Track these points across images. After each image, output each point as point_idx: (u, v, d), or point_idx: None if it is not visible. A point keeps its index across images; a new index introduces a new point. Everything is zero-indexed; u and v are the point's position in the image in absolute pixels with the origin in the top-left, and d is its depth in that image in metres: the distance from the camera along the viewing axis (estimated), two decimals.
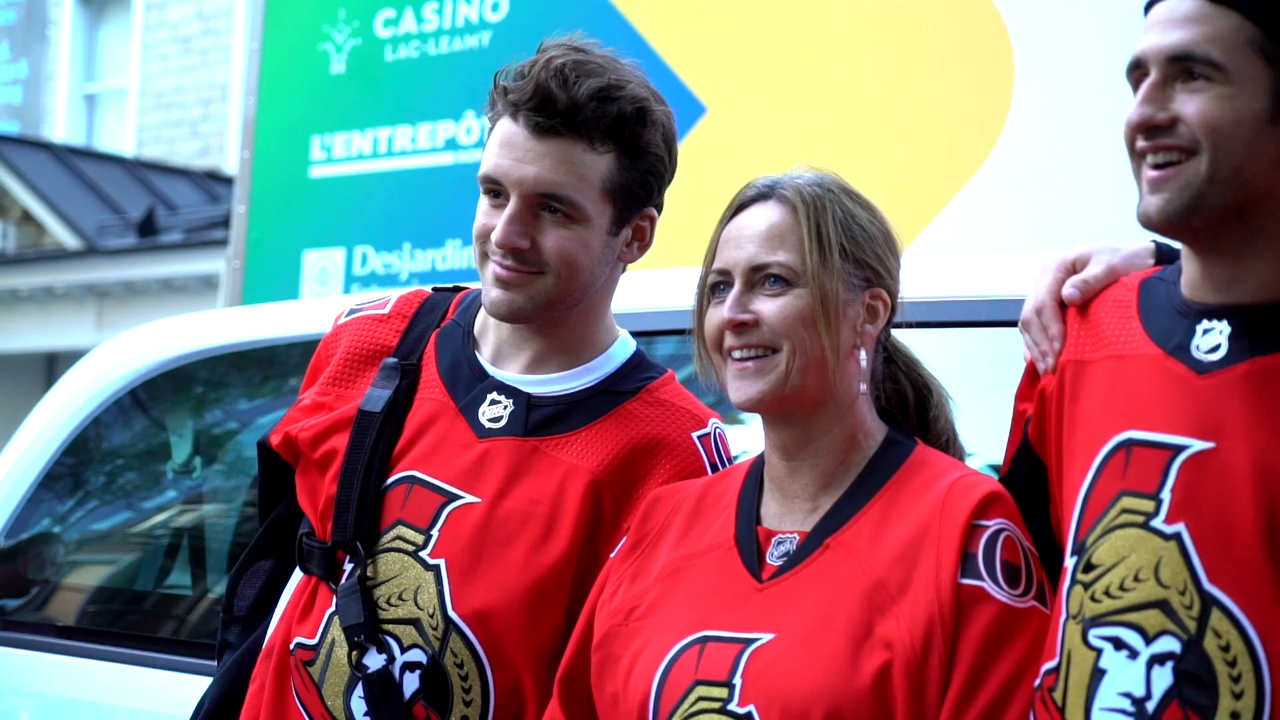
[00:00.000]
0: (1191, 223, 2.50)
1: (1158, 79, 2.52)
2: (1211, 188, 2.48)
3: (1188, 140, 2.49)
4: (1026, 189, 5.12)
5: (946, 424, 3.00)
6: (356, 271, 6.87)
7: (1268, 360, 2.48)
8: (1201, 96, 2.48)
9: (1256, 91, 2.48)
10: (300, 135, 7.14)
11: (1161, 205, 2.51)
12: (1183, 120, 2.49)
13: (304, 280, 7.00)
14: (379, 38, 6.94)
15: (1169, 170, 2.50)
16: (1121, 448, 2.56)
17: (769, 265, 2.79)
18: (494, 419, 3.09)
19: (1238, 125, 2.47)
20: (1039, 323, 2.78)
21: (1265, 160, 2.48)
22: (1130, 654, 2.46)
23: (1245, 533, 2.41)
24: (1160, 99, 2.51)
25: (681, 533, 2.89)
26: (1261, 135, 2.48)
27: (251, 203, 7.21)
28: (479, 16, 6.62)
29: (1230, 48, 2.48)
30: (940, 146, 5.34)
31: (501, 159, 3.01)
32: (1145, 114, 2.51)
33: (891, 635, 2.62)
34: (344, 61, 7.03)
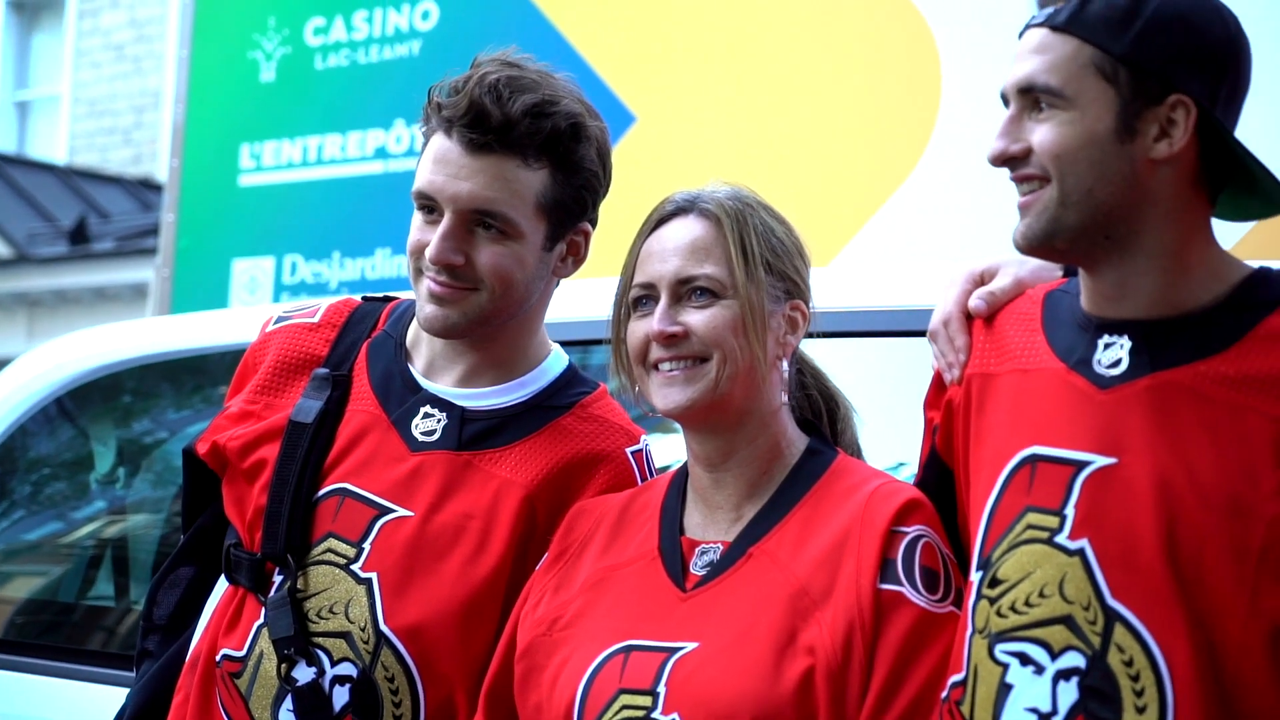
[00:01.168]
0: (1054, 245, 2.56)
1: (1015, 111, 2.58)
2: (1065, 211, 2.53)
3: (1039, 169, 2.54)
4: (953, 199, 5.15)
5: (852, 437, 3.04)
6: (286, 280, 6.85)
7: (1168, 375, 2.52)
8: (1047, 125, 2.54)
9: (1100, 113, 2.52)
10: (230, 143, 7.11)
11: (1024, 231, 2.57)
12: (1034, 150, 2.55)
13: (233, 289, 6.97)
14: (309, 46, 6.93)
15: (1030, 197, 2.56)
16: (1026, 463, 2.59)
17: (696, 278, 2.80)
18: (427, 432, 3.09)
19: (1083, 148, 2.52)
20: (946, 334, 2.81)
21: (1119, 178, 2.52)
22: (1036, 669, 2.48)
23: (1147, 548, 2.45)
24: (1014, 131, 2.57)
25: (605, 544, 2.90)
26: (1110, 154, 2.52)
27: (180, 211, 7.18)
28: (409, 25, 6.62)
29: (1069, 73, 2.53)
30: (868, 157, 5.37)
31: (435, 175, 3.00)
32: (999, 148, 2.58)
33: (814, 641, 2.64)
34: (274, 70, 7.01)
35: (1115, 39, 2.52)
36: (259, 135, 7.02)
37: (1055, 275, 2.79)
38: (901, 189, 5.26)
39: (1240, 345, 2.50)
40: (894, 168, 5.30)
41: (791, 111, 5.56)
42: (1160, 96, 2.52)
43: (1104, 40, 2.52)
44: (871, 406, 3.37)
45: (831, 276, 4.48)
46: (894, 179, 5.28)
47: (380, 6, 6.70)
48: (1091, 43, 2.53)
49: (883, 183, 5.30)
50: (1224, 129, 2.56)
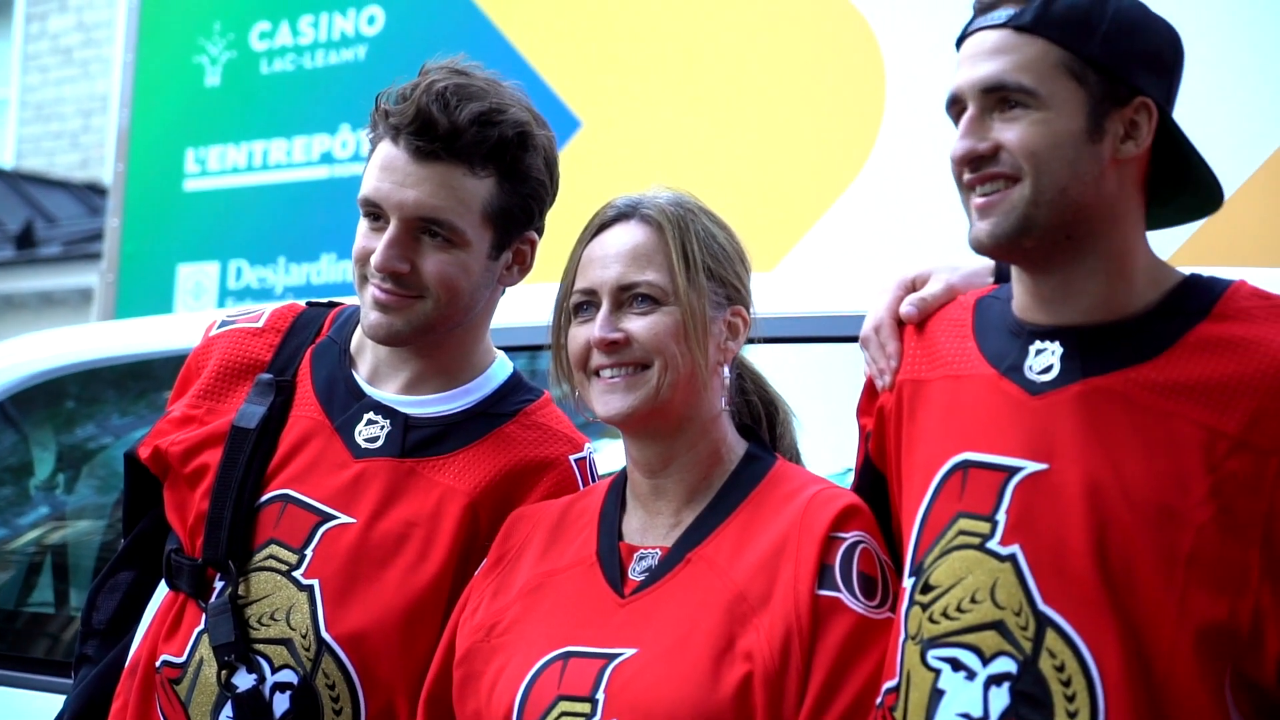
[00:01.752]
0: (1022, 244, 2.56)
1: (976, 111, 2.58)
2: (1038, 210, 2.54)
3: (1011, 167, 2.55)
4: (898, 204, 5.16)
5: (791, 442, 3.05)
6: (231, 285, 6.83)
7: (1099, 381, 2.54)
8: (1019, 123, 2.55)
9: (1072, 112, 2.55)
10: (175, 148, 7.09)
11: (991, 229, 2.57)
12: (1004, 148, 2.55)
13: (178, 294, 6.95)
14: (254, 50, 6.91)
15: (995, 196, 2.57)
16: (958, 469, 2.60)
17: (638, 284, 2.81)
18: (371, 439, 3.08)
19: (1057, 147, 2.54)
20: (877, 340, 2.82)
21: (1088, 178, 2.55)
22: (968, 675, 2.50)
23: (1077, 553, 2.47)
24: (980, 130, 2.58)
25: (543, 549, 2.90)
26: (1082, 154, 2.55)
27: (125, 216, 7.15)
28: (355, 30, 6.60)
29: (1040, 73, 2.55)
30: (812, 162, 5.38)
31: (382, 182, 3.00)
32: (967, 146, 2.58)
33: (752, 647, 2.65)
34: (219, 74, 6.99)
35: (1083, 41, 2.55)
36: (204, 140, 7.00)
37: (987, 281, 2.81)
38: (846, 194, 5.27)
39: (1170, 352, 2.53)
40: (839, 173, 5.31)
41: (737, 117, 5.56)
42: (1126, 98, 2.56)
43: (1072, 42, 2.55)
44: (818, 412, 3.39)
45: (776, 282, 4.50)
46: (839, 184, 5.29)
47: (326, 11, 6.68)
48: (1060, 44, 2.55)
49: (827, 188, 5.31)
50: (1179, 131, 2.61)
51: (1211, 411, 2.48)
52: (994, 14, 2.60)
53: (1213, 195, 2.68)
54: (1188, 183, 2.66)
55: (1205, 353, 2.52)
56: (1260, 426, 2.46)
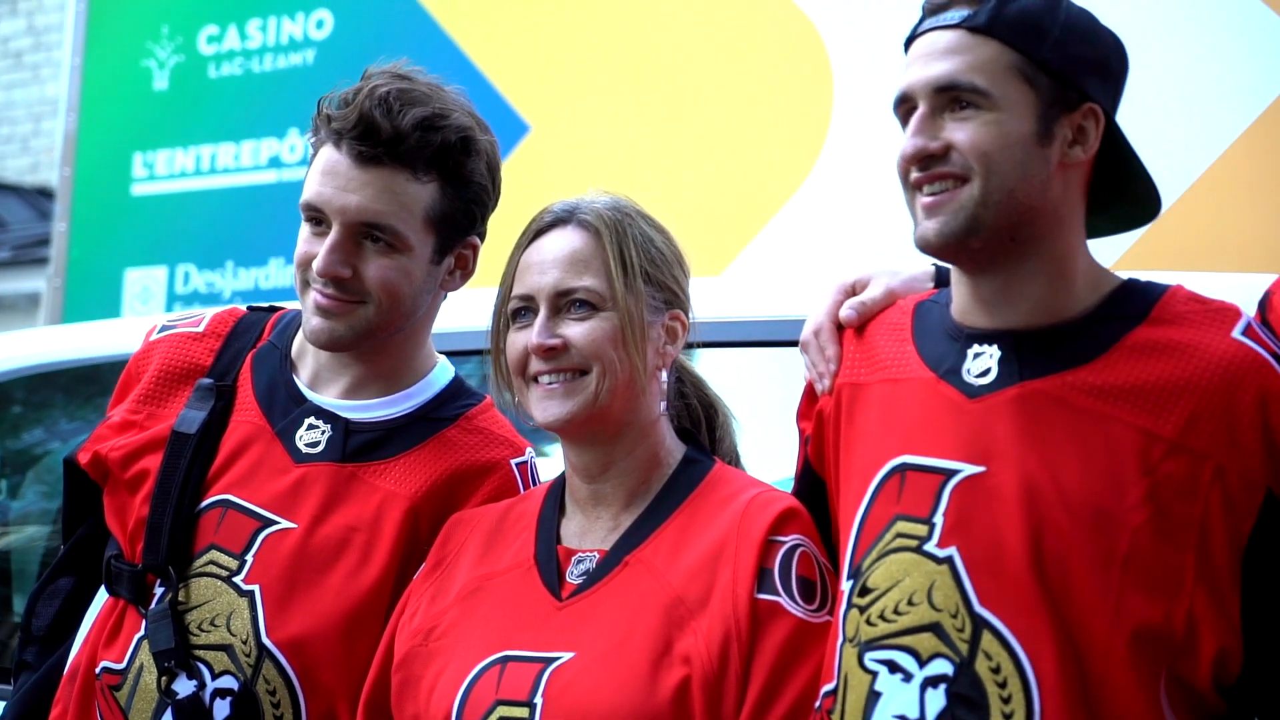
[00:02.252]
0: (969, 244, 2.57)
1: (927, 110, 2.59)
2: (986, 210, 2.55)
3: (960, 167, 2.56)
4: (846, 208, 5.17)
5: (730, 445, 3.06)
6: (179, 290, 6.80)
7: (1036, 384, 2.56)
8: (971, 124, 2.56)
9: (1023, 115, 2.56)
10: (122, 152, 7.05)
11: (939, 228, 2.57)
12: (955, 148, 2.56)
13: (126, 299, 6.91)
14: (202, 54, 6.87)
15: (943, 195, 2.57)
16: (896, 472, 2.61)
17: (575, 290, 2.81)
18: (312, 444, 3.07)
19: (1007, 149, 2.55)
20: (817, 344, 2.83)
21: (1037, 181, 2.56)
22: (905, 677, 2.51)
23: (1014, 555, 2.48)
24: (931, 129, 2.58)
25: (481, 553, 2.90)
26: (1031, 157, 2.56)
27: (72, 220, 7.11)
28: (303, 34, 6.58)
29: (993, 74, 2.56)
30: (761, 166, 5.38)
31: (324, 187, 2.99)
32: (919, 145, 2.58)
33: (690, 650, 2.65)
34: (167, 78, 6.95)
35: (1036, 45, 2.57)
36: (152, 144, 6.96)
37: (926, 286, 2.82)
38: (794, 198, 5.27)
39: (1108, 356, 2.54)
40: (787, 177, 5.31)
41: (685, 121, 5.56)
42: (1075, 104, 2.58)
43: (1025, 45, 2.56)
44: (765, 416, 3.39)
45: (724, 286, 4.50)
46: (787, 188, 5.29)
47: (274, 15, 6.66)
48: (1013, 47, 2.56)
49: (775, 191, 5.31)
50: (1124, 138, 2.63)
51: (1148, 415, 2.49)
52: (946, 15, 2.61)
53: (1150, 205, 2.70)
54: (1126, 191, 2.68)
55: (1142, 356, 2.53)
56: (1196, 430, 2.48)
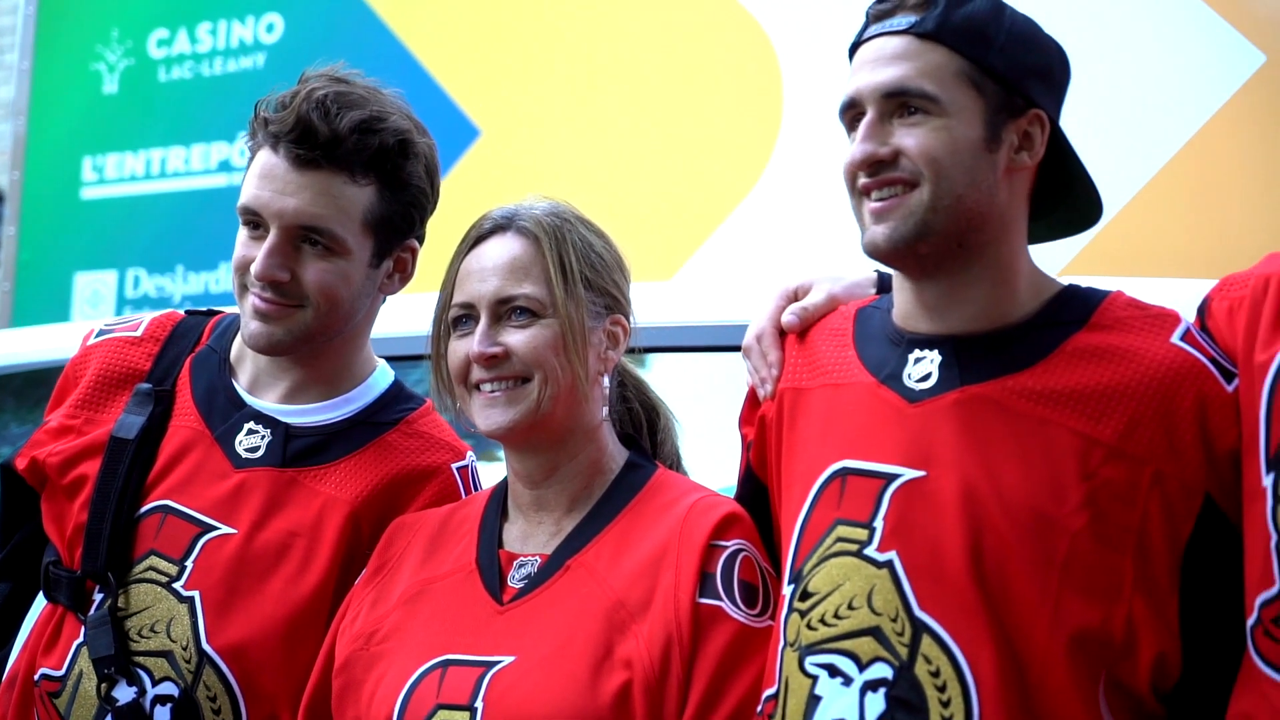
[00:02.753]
0: (917, 249, 2.57)
1: (875, 116, 2.59)
2: (935, 215, 2.55)
3: (909, 173, 2.56)
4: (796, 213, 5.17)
5: (672, 448, 3.06)
6: (129, 294, 6.76)
7: (976, 389, 2.56)
8: (920, 129, 2.56)
9: (971, 121, 2.57)
10: (72, 156, 7.01)
11: (888, 233, 2.57)
12: (904, 153, 2.56)
13: (75, 303, 6.87)
14: (152, 58, 6.84)
15: (891, 201, 2.57)
16: (837, 476, 2.61)
17: (515, 298, 2.80)
18: (251, 449, 3.06)
19: (956, 154, 2.55)
20: (759, 349, 2.83)
21: (985, 187, 2.57)
22: (845, 681, 2.51)
23: (953, 559, 2.48)
24: (880, 135, 2.58)
25: (423, 557, 2.89)
26: (979, 163, 2.57)
27: (21, 224, 7.06)
28: (254, 38, 6.56)
29: (942, 80, 2.56)
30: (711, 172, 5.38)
31: (261, 190, 2.98)
32: (868, 150, 2.58)
33: (631, 655, 2.65)
34: (116, 81, 6.92)
35: (983, 51, 2.58)
36: (102, 148, 6.92)
37: (869, 292, 2.82)
38: (745, 202, 5.27)
39: (1048, 361, 2.55)
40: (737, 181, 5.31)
41: (635, 126, 5.56)
42: (1022, 110, 2.59)
43: (973, 51, 2.57)
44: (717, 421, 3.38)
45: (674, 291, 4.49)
46: (737, 193, 5.30)
47: (225, 19, 6.63)
48: (961, 53, 2.57)
49: (726, 196, 5.31)
50: (1068, 145, 2.64)
51: (1087, 420, 2.50)
52: (892, 21, 2.61)
53: (1091, 211, 2.71)
54: (1068, 197, 2.69)
55: (1082, 362, 2.54)
56: (1135, 436, 2.48)
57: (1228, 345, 2.55)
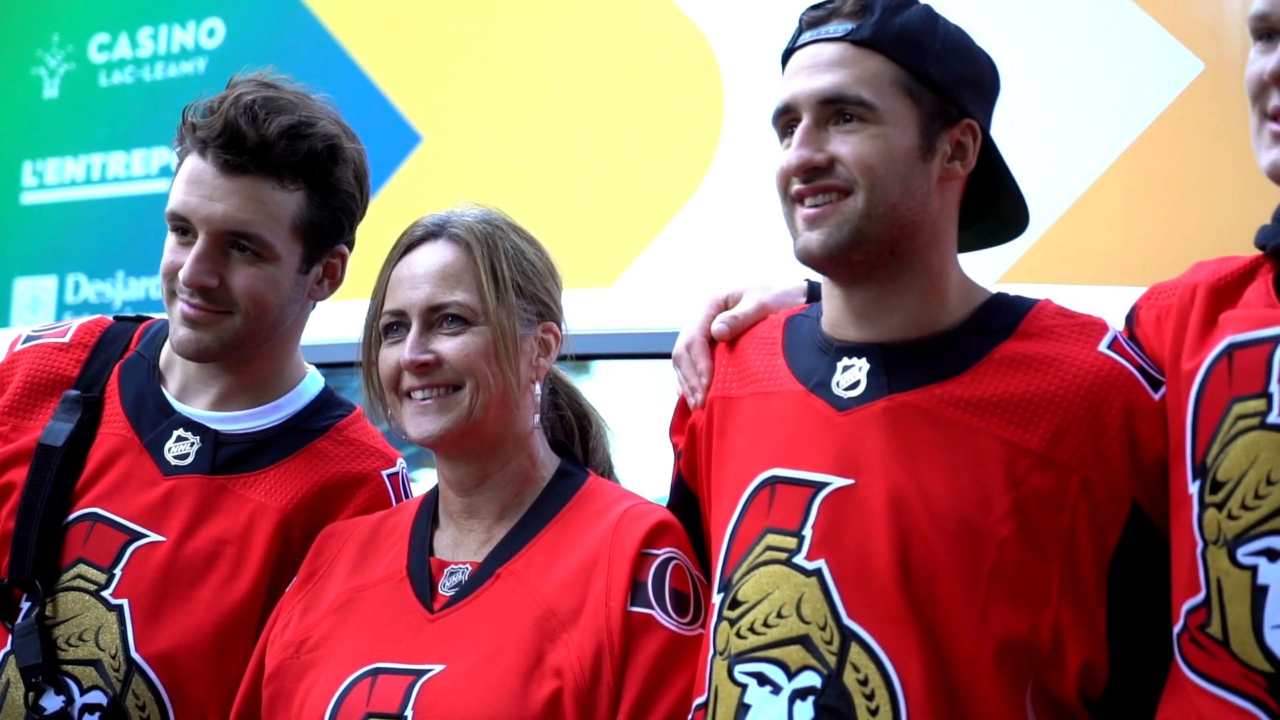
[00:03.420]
0: (851, 256, 2.57)
1: (811, 122, 2.58)
2: (870, 223, 2.55)
3: (845, 180, 2.56)
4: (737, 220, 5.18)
5: (604, 455, 3.05)
6: (69, 300, 6.74)
7: (904, 397, 2.56)
8: (856, 137, 2.56)
9: (906, 129, 2.57)
10: (11, 161, 6.98)
11: (823, 240, 2.57)
12: (840, 160, 2.56)
13: (15, 308, 6.85)
14: (93, 63, 6.83)
15: (827, 207, 2.57)
16: (766, 485, 2.60)
17: (447, 305, 2.79)
18: (180, 456, 3.04)
19: (891, 162, 2.55)
20: (689, 358, 2.82)
21: (919, 195, 2.57)
22: (774, 689, 2.50)
23: (881, 568, 2.48)
24: (816, 141, 2.57)
25: (353, 565, 2.88)
26: (914, 171, 2.57)
27: None
28: (194, 43, 6.55)
29: (879, 88, 2.56)
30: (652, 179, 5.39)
31: (189, 196, 2.96)
32: (804, 156, 2.57)
33: (561, 663, 2.64)
34: (57, 86, 6.90)
35: (918, 60, 2.58)
36: (42, 152, 6.90)
37: (799, 300, 2.82)
38: (685, 210, 5.29)
39: (975, 369, 2.55)
40: (678, 189, 5.32)
41: (577, 133, 5.57)
42: (955, 119, 2.60)
43: (909, 60, 2.57)
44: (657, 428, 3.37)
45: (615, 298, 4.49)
46: (678, 200, 5.31)
47: (166, 24, 6.62)
48: (897, 61, 2.57)
49: (667, 204, 5.33)
50: (999, 155, 2.65)
51: (1015, 428, 2.50)
52: (827, 28, 2.61)
53: (1018, 222, 2.72)
54: (994, 207, 2.70)
55: (1010, 370, 2.54)
56: (1063, 444, 2.49)
57: (1155, 353, 2.56)
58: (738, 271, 4.89)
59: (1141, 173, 4.57)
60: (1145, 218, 4.59)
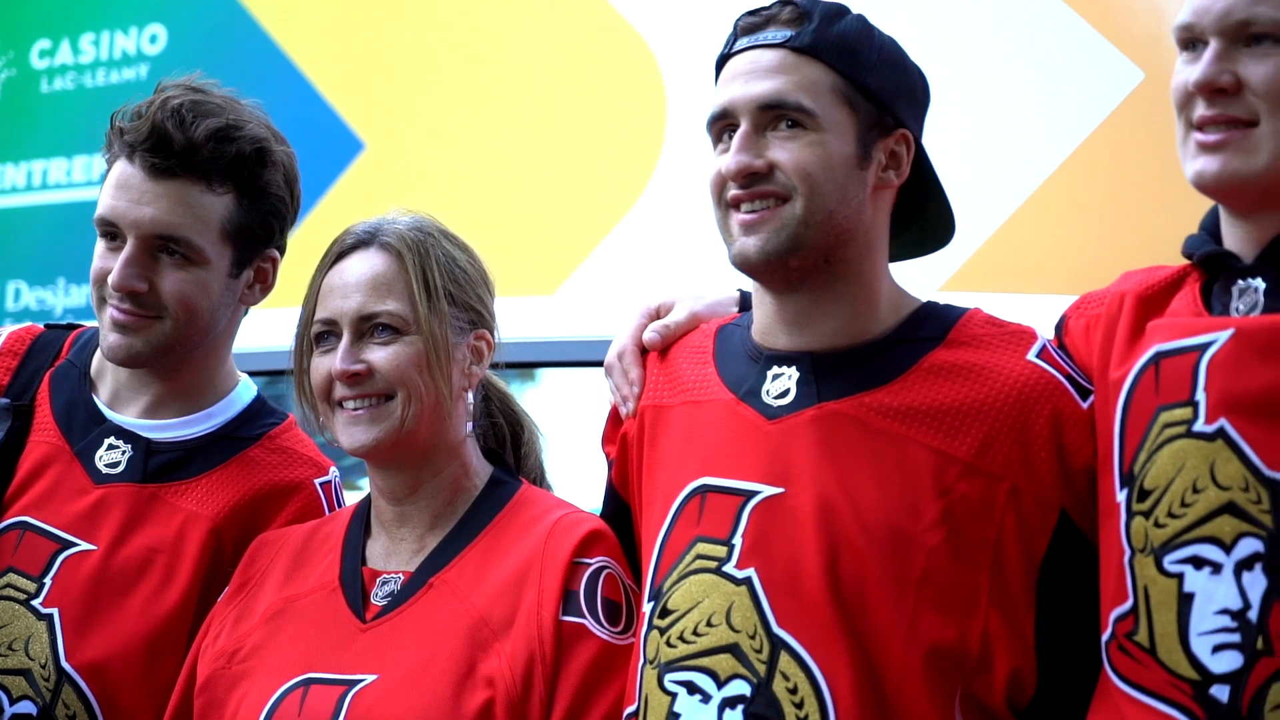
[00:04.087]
0: (788, 263, 2.57)
1: (750, 128, 2.57)
2: (807, 230, 2.55)
3: (783, 186, 2.55)
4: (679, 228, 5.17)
5: (536, 461, 3.04)
6: (10, 307, 6.69)
7: (833, 406, 2.56)
8: (795, 143, 2.55)
9: (844, 137, 2.57)
10: None
11: (760, 246, 2.56)
12: (779, 167, 2.55)
13: None
14: (34, 69, 6.78)
15: (764, 214, 2.56)
16: (697, 493, 2.60)
17: (378, 315, 2.77)
18: (111, 464, 3.03)
19: (829, 170, 2.55)
20: (620, 367, 2.82)
21: (855, 203, 2.58)
22: (703, 698, 2.50)
23: (810, 576, 2.48)
24: (756, 147, 2.57)
25: (286, 575, 2.87)
26: (851, 179, 2.57)
27: None
28: (136, 49, 6.51)
29: (819, 95, 2.56)
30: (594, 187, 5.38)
31: (117, 200, 2.96)
32: (743, 162, 2.56)
33: (493, 672, 2.63)
34: None
35: (856, 69, 2.58)
36: None
37: (730, 310, 2.82)
38: (628, 217, 5.27)
39: (905, 378, 2.55)
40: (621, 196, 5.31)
41: (519, 141, 5.56)
42: (891, 129, 2.60)
43: (847, 68, 2.58)
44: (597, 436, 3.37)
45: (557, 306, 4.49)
46: (621, 207, 5.30)
47: (108, 30, 6.58)
48: (836, 69, 2.57)
49: (610, 211, 5.31)
50: (930, 165, 2.66)
51: (943, 436, 2.50)
52: (765, 34, 2.61)
53: (945, 232, 2.74)
54: (921, 218, 2.71)
55: (939, 378, 2.55)
56: (991, 452, 2.49)
57: (1084, 362, 2.57)
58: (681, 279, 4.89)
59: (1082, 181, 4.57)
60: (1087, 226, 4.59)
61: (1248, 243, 2.42)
